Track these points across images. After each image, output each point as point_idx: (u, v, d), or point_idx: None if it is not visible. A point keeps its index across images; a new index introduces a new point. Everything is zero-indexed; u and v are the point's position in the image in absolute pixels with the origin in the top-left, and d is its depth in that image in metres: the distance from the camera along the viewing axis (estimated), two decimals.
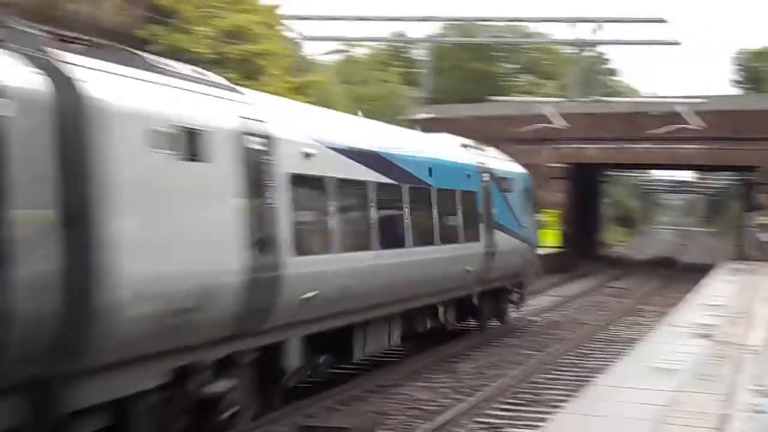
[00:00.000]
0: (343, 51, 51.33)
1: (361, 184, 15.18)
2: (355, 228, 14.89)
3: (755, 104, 50.79)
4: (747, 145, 47.67)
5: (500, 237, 22.16)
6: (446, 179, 19.29)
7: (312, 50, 50.51)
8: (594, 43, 44.18)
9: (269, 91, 26.12)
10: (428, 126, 54.29)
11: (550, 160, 50.76)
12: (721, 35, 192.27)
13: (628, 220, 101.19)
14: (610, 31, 42.53)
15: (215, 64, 24.03)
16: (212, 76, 12.35)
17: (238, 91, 12.58)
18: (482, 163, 22.36)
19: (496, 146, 27.73)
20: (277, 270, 12.00)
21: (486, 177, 22.06)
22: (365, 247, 15.07)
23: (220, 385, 11.35)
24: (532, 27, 47.84)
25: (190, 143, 10.38)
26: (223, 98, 11.83)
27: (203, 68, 22.14)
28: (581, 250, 53.26)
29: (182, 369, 10.59)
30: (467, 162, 21.39)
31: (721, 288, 28.63)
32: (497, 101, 51.79)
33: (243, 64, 24.93)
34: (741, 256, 48.43)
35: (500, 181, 23.06)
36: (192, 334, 10.50)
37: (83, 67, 9.29)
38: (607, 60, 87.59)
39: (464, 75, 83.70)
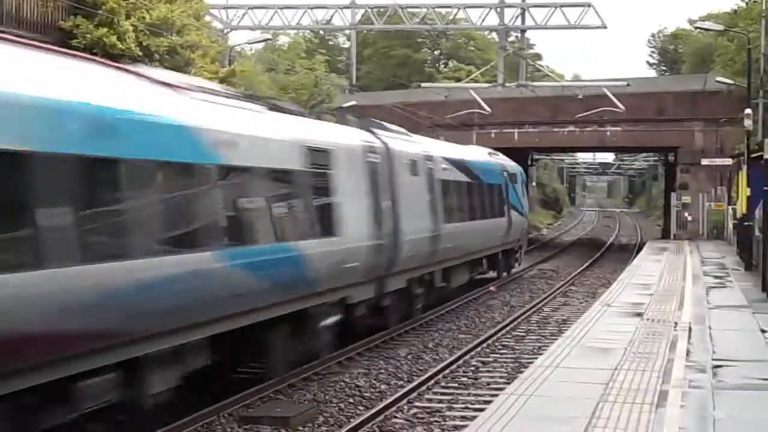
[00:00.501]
0: (268, 40, 51.00)
1: (460, 184, 26.29)
2: (462, 208, 26.33)
3: (675, 86, 51.79)
4: (668, 126, 48.62)
5: (513, 214, 32.68)
6: (489, 177, 30.13)
7: (236, 39, 50.16)
8: (520, 29, 44.56)
9: None
10: (355, 114, 54.46)
11: (478, 145, 51.13)
12: (643, 18, 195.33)
13: (554, 202, 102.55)
14: (534, 15, 42.78)
15: (143, 57, 23.80)
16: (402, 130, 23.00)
17: (410, 136, 23.51)
18: (501, 164, 33.01)
19: (424, 132, 29.98)
20: (440, 231, 23.05)
21: (504, 174, 32.61)
22: (464, 219, 26.19)
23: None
24: (456, 13, 47.99)
25: (415, 167, 21.85)
26: (417, 141, 23.84)
27: (129, 63, 21.97)
28: None
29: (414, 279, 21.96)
30: (495, 164, 32.37)
31: (649, 267, 29.20)
32: (424, 88, 52.00)
33: (170, 56, 24.70)
34: (666, 235, 49.45)
35: (510, 176, 33.57)
36: (417, 261, 21.52)
37: (386, 135, 20.76)
38: (532, 45, 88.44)
39: (389, 61, 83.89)
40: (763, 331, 16.07)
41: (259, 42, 47.56)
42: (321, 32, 73.75)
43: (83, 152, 9.91)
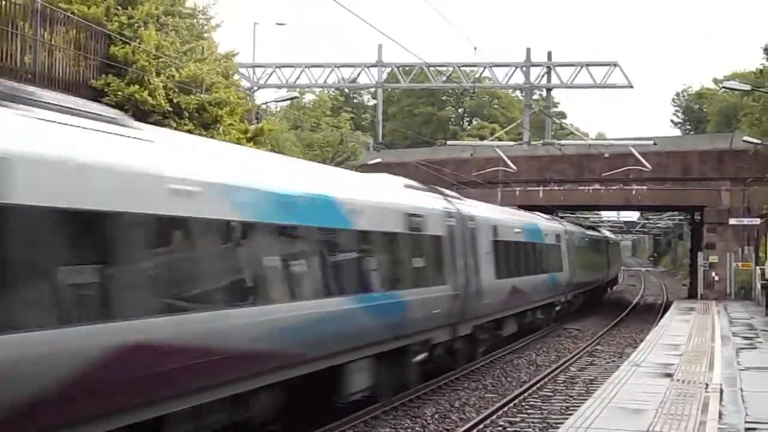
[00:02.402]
0: (295, 98, 51.46)
1: (511, 243, 28.67)
2: (512, 263, 28.50)
3: (701, 145, 51.68)
4: (694, 185, 48.45)
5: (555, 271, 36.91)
6: (533, 236, 33.33)
7: (263, 97, 50.66)
8: (546, 88, 44.78)
9: (226, 140, 26.15)
10: (380, 171, 54.61)
11: (502, 203, 51.19)
12: (667, 77, 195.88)
13: None
14: (560, 74, 43.01)
15: (172, 114, 24.01)
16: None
17: (475, 203, 27.52)
18: (552, 226, 38.18)
19: (449, 189, 29.94)
20: (497, 285, 25.93)
21: (554, 234, 37.60)
22: (521, 273, 29.45)
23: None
24: (482, 72, 48.33)
25: (479, 229, 24.54)
26: (482, 207, 27.81)
27: (159, 120, 22.02)
28: None
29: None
30: (544, 226, 36.50)
31: (677, 327, 28.93)
32: (449, 145, 52.20)
33: (199, 113, 24.90)
34: (693, 294, 49.04)
35: (557, 236, 37.96)
36: (481, 310, 24.45)
37: (461, 203, 24.06)
38: (557, 103, 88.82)
39: (413, 119, 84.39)
40: None
41: (286, 100, 47.99)
42: (346, 90, 74.34)
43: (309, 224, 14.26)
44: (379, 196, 17.96)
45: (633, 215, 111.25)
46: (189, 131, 24.38)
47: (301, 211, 13.93)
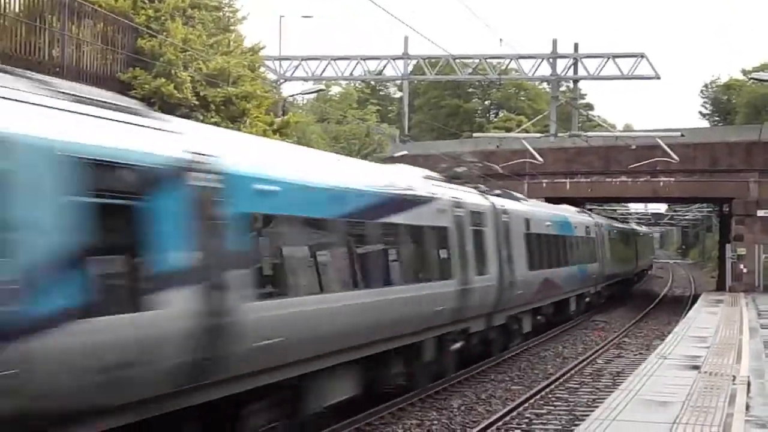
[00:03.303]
0: (321, 90, 51.53)
1: (542, 236, 29.61)
2: (544, 255, 29.33)
3: (729, 136, 51.30)
4: (722, 177, 48.13)
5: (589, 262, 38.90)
6: (563, 229, 34.13)
7: (290, 90, 50.70)
8: (572, 79, 44.56)
9: (253, 132, 26.25)
10: (406, 163, 54.61)
11: (529, 195, 51.07)
12: (695, 68, 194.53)
13: None
14: (586, 65, 42.74)
15: (199, 107, 24.13)
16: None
17: (516, 197, 28.90)
18: (587, 220, 40.72)
19: (476, 181, 29.91)
20: (529, 277, 26.48)
21: (587, 227, 39.45)
22: (553, 265, 30.69)
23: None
24: (509, 64, 48.18)
25: (525, 224, 26.78)
26: (521, 201, 29.58)
27: (186, 113, 22.12)
28: None
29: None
30: (580, 219, 39.02)
31: (705, 319, 28.79)
32: (476, 138, 52.11)
33: (225, 107, 25.01)
34: (721, 287, 48.76)
35: (587, 229, 39.66)
36: (516, 301, 25.27)
37: (497, 198, 24.81)
38: (584, 95, 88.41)
39: (440, 111, 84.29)
40: None
41: (312, 92, 48.04)
42: (372, 82, 74.31)
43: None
44: (430, 189, 19.39)
45: (661, 207, 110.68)
46: (215, 124, 24.49)
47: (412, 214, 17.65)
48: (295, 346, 12.36)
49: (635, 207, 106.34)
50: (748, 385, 15.64)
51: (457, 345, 20.48)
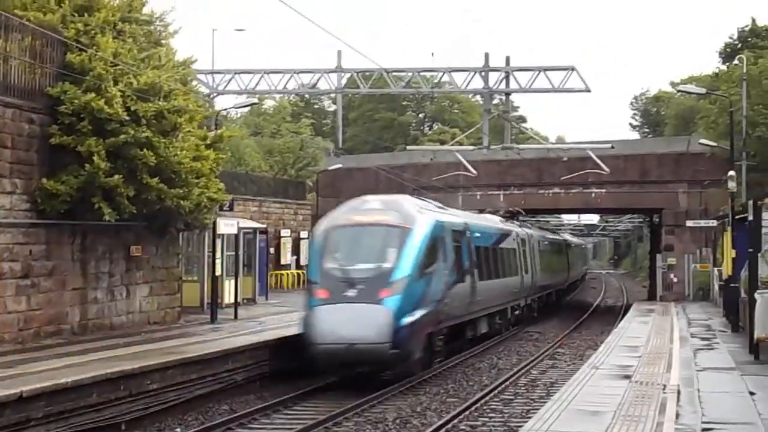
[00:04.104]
0: (254, 104, 51.31)
1: (552, 243, 52.54)
2: (550, 263, 48.08)
3: (659, 148, 52.19)
4: (652, 188, 48.95)
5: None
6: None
7: (223, 104, 50.48)
8: (504, 92, 44.97)
9: (185, 147, 26.00)
10: (341, 176, 54.73)
11: (463, 207, 51.37)
12: (625, 80, 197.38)
13: None
14: (518, 79, 43.19)
15: (130, 122, 23.82)
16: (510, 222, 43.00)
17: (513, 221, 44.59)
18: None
19: (410, 194, 30.14)
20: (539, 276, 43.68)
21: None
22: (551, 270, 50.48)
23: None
24: (441, 77, 48.52)
25: (529, 242, 42.75)
26: (515, 224, 43.01)
27: (116, 128, 21.82)
28: None
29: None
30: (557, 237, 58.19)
31: (636, 329, 29.19)
32: (410, 150, 52.34)
33: (157, 121, 24.73)
34: (652, 296, 49.47)
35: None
36: (535, 290, 43.40)
37: (518, 225, 43.22)
38: (517, 108, 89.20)
39: (374, 125, 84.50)
40: (751, 393, 16.03)
41: (245, 106, 47.82)
42: (306, 96, 74.26)
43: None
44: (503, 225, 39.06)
45: (593, 218, 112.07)
46: (147, 138, 24.24)
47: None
48: (486, 301, 30.64)
49: (569, 218, 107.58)
50: (678, 393, 15.88)
51: (516, 311, 38.14)
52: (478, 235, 29.76)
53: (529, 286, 40.25)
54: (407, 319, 22.08)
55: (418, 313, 22.55)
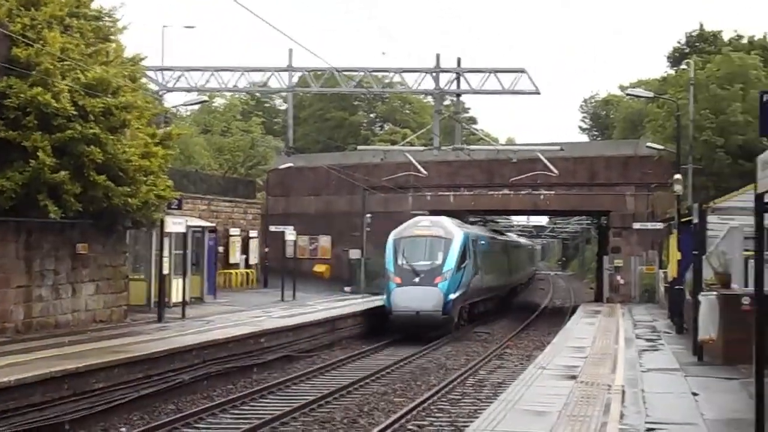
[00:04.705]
0: (204, 102, 50.97)
1: (522, 249, 73.20)
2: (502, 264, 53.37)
3: (607, 151, 52.69)
4: (600, 190, 49.42)
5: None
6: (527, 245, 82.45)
7: (172, 101, 50.04)
8: (455, 93, 45.10)
9: (133, 144, 25.77)
10: (292, 175, 54.59)
11: (413, 207, 51.52)
12: (575, 83, 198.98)
13: None
14: (469, 80, 43.31)
15: (77, 117, 23.56)
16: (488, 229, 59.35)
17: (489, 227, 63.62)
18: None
19: (361, 194, 29.77)
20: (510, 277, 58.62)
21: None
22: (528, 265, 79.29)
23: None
24: (392, 77, 48.65)
25: (521, 246, 74.17)
26: (497, 230, 64.91)
27: (63, 123, 21.66)
28: None
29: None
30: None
31: (583, 330, 29.42)
32: (360, 150, 52.33)
33: (105, 117, 24.49)
34: (599, 298, 49.92)
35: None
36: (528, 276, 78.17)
37: (514, 236, 77.31)
38: (468, 109, 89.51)
39: (325, 124, 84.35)
40: (694, 394, 16.22)
41: (195, 104, 47.46)
42: (257, 94, 73.92)
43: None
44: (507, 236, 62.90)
45: (542, 220, 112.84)
46: (94, 134, 24.00)
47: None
48: (489, 289, 44.23)
49: (518, 220, 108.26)
50: (623, 394, 16.03)
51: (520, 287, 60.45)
52: (482, 242, 43.56)
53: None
54: (451, 297, 34.98)
55: (457, 293, 35.79)
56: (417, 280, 34.60)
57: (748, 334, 12.94)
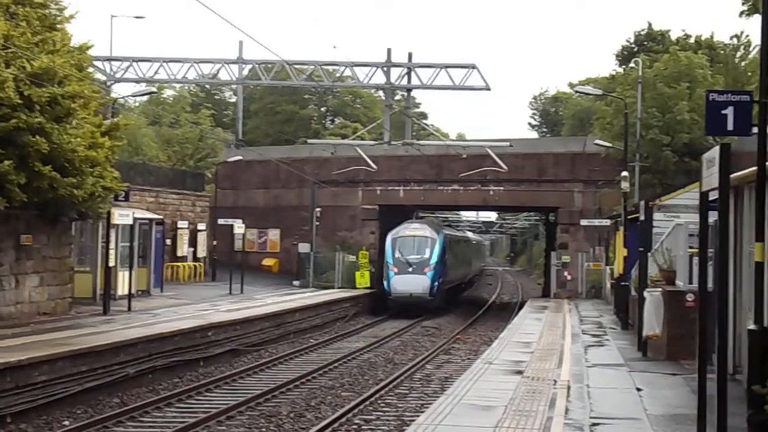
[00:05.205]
0: (153, 93, 50.48)
1: (472, 245, 76.55)
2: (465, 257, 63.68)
3: (556, 147, 53.04)
4: (548, 186, 49.74)
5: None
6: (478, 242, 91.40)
7: (120, 91, 49.43)
8: (406, 88, 45.11)
9: (79, 134, 25.44)
10: (241, 168, 54.29)
11: (362, 202, 51.53)
12: (525, 80, 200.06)
13: None
14: (420, 75, 43.38)
15: (22, 107, 23.21)
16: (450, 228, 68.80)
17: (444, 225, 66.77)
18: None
19: (311, 188, 29.54)
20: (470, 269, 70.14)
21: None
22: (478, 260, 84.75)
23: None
24: (343, 71, 48.54)
25: (478, 243, 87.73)
26: (464, 230, 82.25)
27: (7, 112, 21.29)
28: None
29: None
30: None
31: (530, 325, 29.60)
32: (311, 144, 52.17)
33: (51, 107, 24.14)
34: (546, 293, 50.27)
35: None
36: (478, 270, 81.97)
37: (468, 233, 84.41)
38: (418, 104, 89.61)
39: (275, 117, 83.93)
40: (638, 390, 16.38)
41: (143, 94, 47.02)
42: (207, 86, 73.39)
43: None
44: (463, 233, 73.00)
45: (491, 215, 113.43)
46: (39, 124, 23.67)
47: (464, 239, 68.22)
48: (457, 277, 55.60)
49: (467, 215, 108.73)
50: (568, 389, 16.15)
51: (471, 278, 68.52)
52: (454, 241, 54.49)
53: None
54: (436, 283, 44.78)
55: (440, 280, 45.51)
56: (410, 269, 44.22)
57: (691, 330, 13.16)
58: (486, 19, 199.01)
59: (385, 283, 44.96)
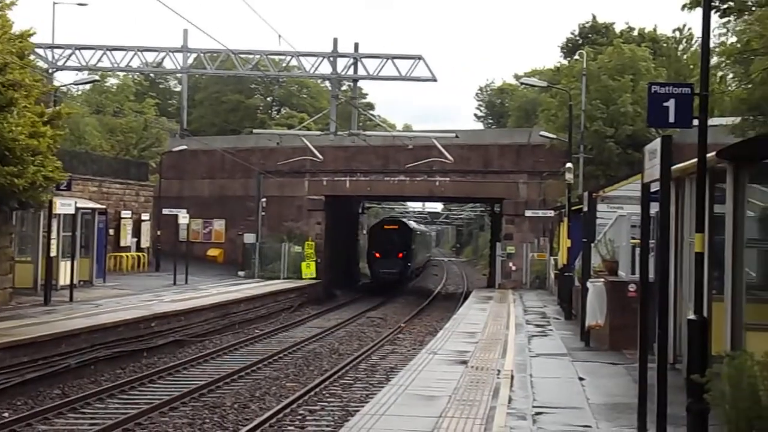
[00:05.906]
0: (96, 81, 49.87)
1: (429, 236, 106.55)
2: (424, 246, 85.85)
3: (501, 139, 53.32)
4: (494, 177, 50.02)
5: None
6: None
7: (63, 79, 48.79)
8: (352, 78, 45.05)
9: (20, 123, 25.05)
10: (186, 158, 53.89)
11: (309, 192, 51.42)
12: (471, 71, 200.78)
13: None
14: (366, 66, 43.37)
15: None
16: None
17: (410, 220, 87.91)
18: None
19: (257, 178, 29.37)
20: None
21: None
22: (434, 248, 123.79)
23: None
24: (289, 61, 48.35)
25: (428, 234, 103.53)
26: (422, 224, 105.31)
27: None
28: (338, 281, 54.06)
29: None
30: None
31: (475, 316, 29.75)
32: (256, 134, 51.92)
33: None
34: (491, 284, 50.56)
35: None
36: (427, 257, 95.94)
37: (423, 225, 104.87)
38: (365, 95, 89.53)
39: (221, 107, 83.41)
40: (581, 379, 16.54)
41: (86, 83, 46.42)
42: (151, 75, 72.64)
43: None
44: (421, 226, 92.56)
45: (437, 206, 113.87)
46: None
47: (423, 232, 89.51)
48: (420, 261, 76.76)
49: (413, 206, 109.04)
50: (512, 378, 16.25)
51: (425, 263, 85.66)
52: (417, 232, 69.88)
53: None
54: (409, 264, 60.94)
55: (411, 262, 61.86)
56: (389, 254, 58.60)
57: (633, 320, 13.28)
58: (433, 10, 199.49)
59: (368, 265, 62.69)
